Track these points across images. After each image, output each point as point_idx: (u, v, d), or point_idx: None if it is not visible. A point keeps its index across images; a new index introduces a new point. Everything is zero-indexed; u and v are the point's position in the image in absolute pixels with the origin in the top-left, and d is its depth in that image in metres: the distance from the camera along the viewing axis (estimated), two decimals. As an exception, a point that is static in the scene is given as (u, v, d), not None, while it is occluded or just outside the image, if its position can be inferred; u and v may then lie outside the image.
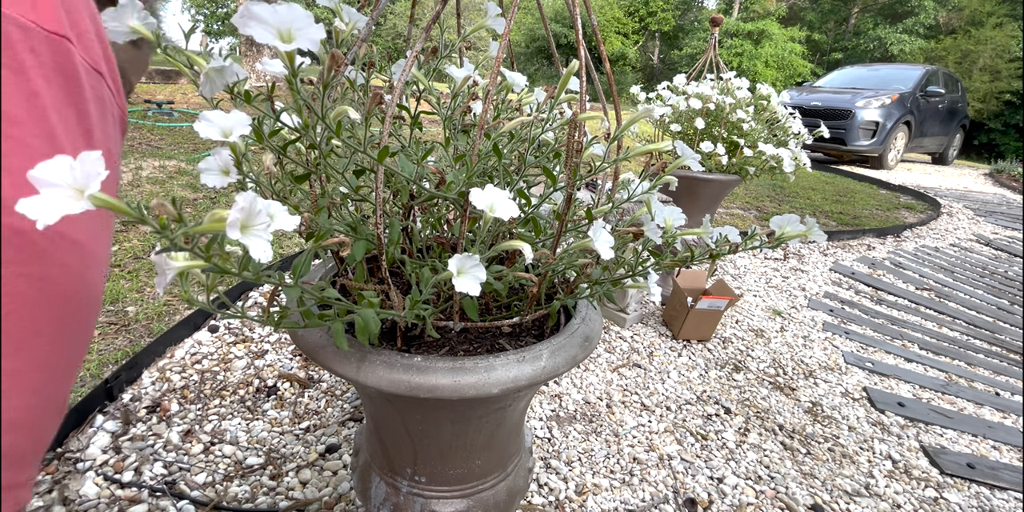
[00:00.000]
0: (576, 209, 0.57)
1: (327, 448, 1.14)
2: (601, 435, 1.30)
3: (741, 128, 1.76)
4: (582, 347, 0.58)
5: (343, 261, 0.62)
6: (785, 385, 1.64)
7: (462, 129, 0.62)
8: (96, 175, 0.27)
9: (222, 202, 2.43)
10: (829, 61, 17.77)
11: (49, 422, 0.35)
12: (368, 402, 0.68)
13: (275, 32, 0.37)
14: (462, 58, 0.66)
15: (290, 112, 0.47)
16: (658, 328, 1.88)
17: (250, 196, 0.33)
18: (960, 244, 3.61)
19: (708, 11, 20.29)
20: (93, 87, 0.35)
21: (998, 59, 13.29)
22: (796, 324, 2.08)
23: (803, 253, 2.99)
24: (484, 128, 0.48)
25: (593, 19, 0.57)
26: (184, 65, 0.46)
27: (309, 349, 0.55)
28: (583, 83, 0.50)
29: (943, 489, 1.26)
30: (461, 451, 0.66)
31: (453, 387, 0.50)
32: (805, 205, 4.13)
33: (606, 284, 0.59)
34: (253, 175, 0.51)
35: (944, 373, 1.85)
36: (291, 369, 1.41)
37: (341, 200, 0.57)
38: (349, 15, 0.49)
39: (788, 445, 1.35)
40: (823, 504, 1.16)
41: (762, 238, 0.55)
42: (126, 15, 0.42)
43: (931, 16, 16.27)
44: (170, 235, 0.32)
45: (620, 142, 0.57)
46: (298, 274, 0.42)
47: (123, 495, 0.97)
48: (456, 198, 0.50)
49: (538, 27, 17.72)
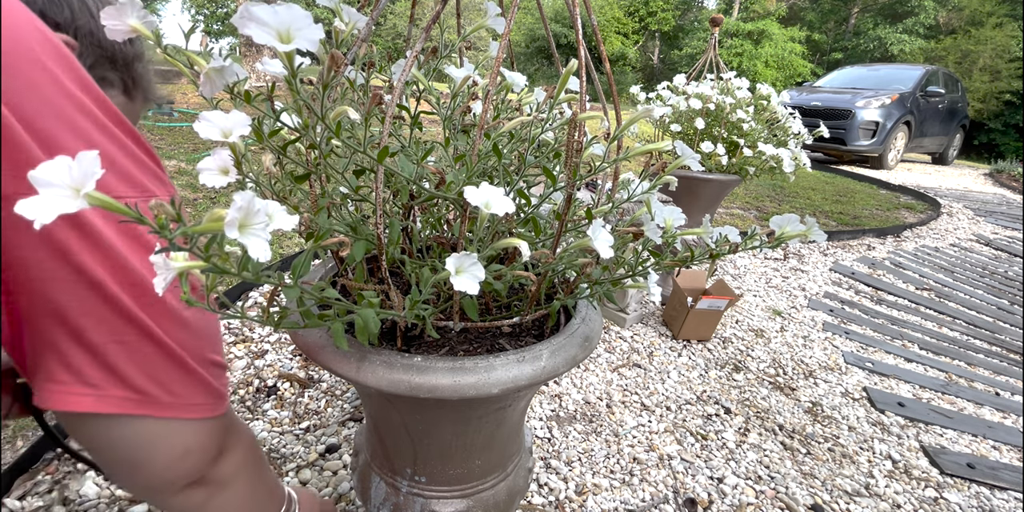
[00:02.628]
0: (576, 209, 0.57)
1: (327, 448, 1.14)
2: (601, 435, 1.30)
3: (741, 128, 1.76)
4: (582, 347, 0.58)
5: (343, 261, 0.62)
6: (785, 385, 1.64)
7: (462, 129, 0.62)
8: (92, 175, 0.27)
9: (222, 202, 2.42)
10: (829, 61, 17.77)
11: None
12: (368, 402, 0.68)
13: (274, 33, 0.37)
14: (462, 58, 0.66)
15: (290, 112, 0.47)
16: (658, 328, 1.88)
17: (248, 195, 0.33)
18: (960, 244, 3.61)
19: (708, 11, 20.29)
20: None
21: (998, 59, 13.28)
22: (796, 324, 2.08)
23: (803, 253, 2.99)
24: (484, 128, 0.48)
25: (593, 19, 0.57)
26: (184, 65, 0.46)
27: (309, 349, 0.55)
28: (583, 83, 0.50)
29: (943, 489, 1.26)
30: (461, 451, 0.66)
31: (453, 387, 0.49)
32: (805, 205, 4.13)
33: (606, 284, 0.59)
34: (253, 175, 0.51)
35: (944, 373, 1.85)
36: (291, 369, 1.41)
37: (341, 200, 0.57)
38: (349, 15, 0.49)
39: (788, 445, 1.35)
40: (823, 504, 1.16)
41: (762, 238, 0.55)
42: (126, 14, 0.42)
43: (931, 16, 16.27)
44: (169, 235, 0.32)
45: (620, 142, 0.57)
46: (298, 274, 0.42)
47: (123, 495, 0.97)
48: (456, 198, 0.50)
49: (538, 27, 17.72)
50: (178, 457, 0.48)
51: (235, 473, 0.56)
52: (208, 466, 0.52)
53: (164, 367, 0.45)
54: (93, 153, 0.27)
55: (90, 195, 0.28)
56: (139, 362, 0.43)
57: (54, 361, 0.41)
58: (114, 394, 0.43)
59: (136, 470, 0.47)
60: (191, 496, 0.52)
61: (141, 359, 0.43)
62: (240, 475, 0.57)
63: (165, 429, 0.47)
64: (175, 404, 0.46)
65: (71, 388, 0.41)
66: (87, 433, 0.46)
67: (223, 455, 0.54)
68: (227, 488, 0.55)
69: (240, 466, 0.57)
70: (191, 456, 0.49)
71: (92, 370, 0.42)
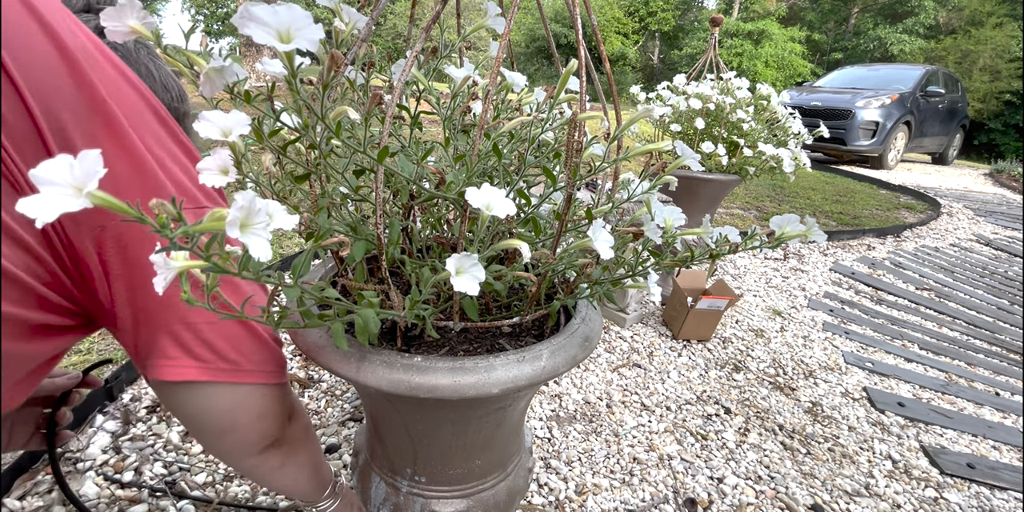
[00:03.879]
0: (576, 209, 0.57)
1: (327, 448, 1.14)
2: (601, 435, 1.30)
3: (741, 128, 1.76)
4: (582, 347, 0.58)
5: (343, 261, 0.62)
6: (785, 385, 1.64)
7: (462, 129, 0.62)
8: (95, 174, 0.27)
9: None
10: (829, 61, 17.76)
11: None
12: (368, 402, 0.68)
13: (274, 33, 0.37)
14: (462, 58, 0.66)
15: (290, 112, 0.47)
16: (658, 328, 1.88)
17: (249, 195, 0.33)
18: (960, 244, 3.61)
19: (708, 11, 20.29)
20: None
21: (998, 59, 13.27)
22: (796, 324, 2.08)
23: (803, 253, 2.99)
24: (484, 128, 0.48)
25: (593, 19, 0.57)
26: (184, 65, 0.46)
27: (309, 349, 0.55)
28: (583, 83, 0.50)
29: (943, 489, 1.26)
30: (461, 451, 0.66)
31: (453, 387, 0.49)
32: (805, 205, 4.13)
33: (606, 284, 0.59)
34: (253, 175, 0.51)
35: (944, 373, 1.85)
36: (291, 369, 1.41)
37: (341, 200, 0.57)
38: (349, 15, 0.49)
39: (788, 445, 1.35)
40: (823, 504, 1.16)
41: (762, 238, 0.55)
42: (126, 15, 0.42)
43: (931, 16, 16.26)
44: (169, 234, 0.32)
45: (620, 142, 0.57)
46: (298, 274, 0.42)
47: (123, 495, 0.97)
48: (456, 198, 0.50)
49: (538, 27, 17.72)
50: (256, 418, 0.56)
51: (302, 437, 0.65)
52: (280, 429, 0.59)
53: (246, 339, 0.54)
54: (95, 152, 0.27)
55: (92, 194, 0.28)
56: (228, 337, 0.52)
57: (167, 340, 0.50)
58: (215, 366, 0.52)
59: (223, 434, 0.56)
60: (270, 458, 0.60)
61: (229, 333, 0.52)
62: (306, 440, 0.66)
63: (245, 395, 0.55)
64: (255, 371, 0.54)
65: (182, 362, 0.50)
66: (184, 401, 0.53)
67: (290, 420, 0.62)
68: (297, 452, 0.64)
69: (304, 431, 0.65)
70: (267, 419, 0.57)
71: (197, 346, 0.50)
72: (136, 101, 0.47)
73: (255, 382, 0.55)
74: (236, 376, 0.53)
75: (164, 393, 0.54)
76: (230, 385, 0.53)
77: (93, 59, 0.44)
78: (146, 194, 0.45)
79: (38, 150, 0.40)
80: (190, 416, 0.55)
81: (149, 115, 0.48)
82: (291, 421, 0.62)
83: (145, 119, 0.47)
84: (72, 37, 0.42)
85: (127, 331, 0.50)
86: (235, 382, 0.53)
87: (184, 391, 0.52)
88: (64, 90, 0.41)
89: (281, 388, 0.59)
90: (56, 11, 0.43)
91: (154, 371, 0.50)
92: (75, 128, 0.41)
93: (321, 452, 0.71)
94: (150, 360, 0.51)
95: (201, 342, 0.51)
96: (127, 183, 0.44)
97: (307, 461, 0.66)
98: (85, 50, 0.43)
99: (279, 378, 0.58)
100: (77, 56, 0.42)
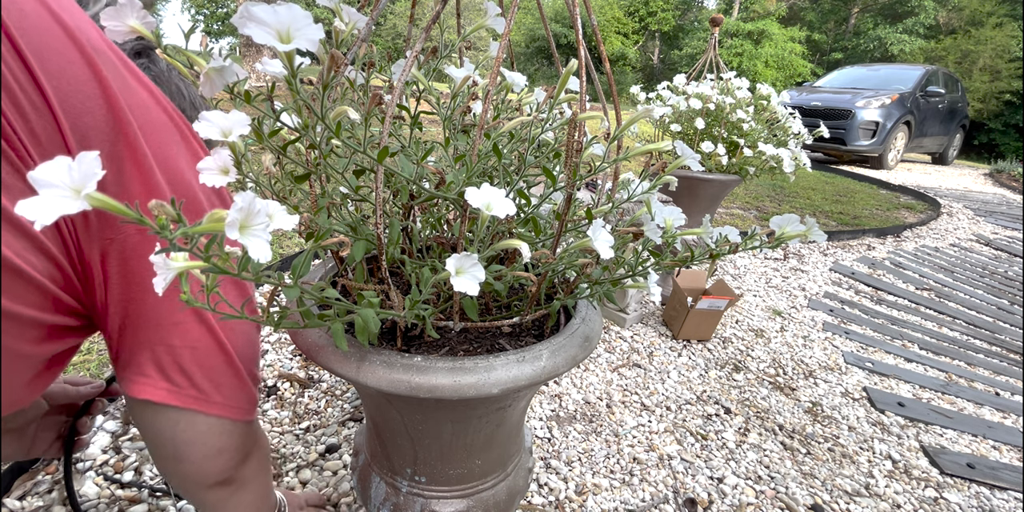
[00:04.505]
0: (576, 209, 0.57)
1: (327, 448, 1.14)
2: (601, 435, 1.30)
3: (741, 128, 1.76)
4: (582, 347, 0.58)
5: (343, 261, 0.62)
6: (785, 385, 1.64)
7: (462, 129, 0.62)
8: (93, 176, 0.27)
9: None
10: (829, 61, 17.76)
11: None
12: (368, 402, 0.68)
13: (274, 33, 0.37)
14: (462, 58, 0.66)
15: (290, 112, 0.47)
16: (658, 328, 1.88)
17: (249, 196, 0.33)
18: (960, 244, 3.61)
19: (708, 11, 20.29)
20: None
21: (998, 59, 13.27)
22: (796, 324, 2.08)
23: (803, 253, 2.99)
24: (484, 128, 0.48)
25: (593, 19, 0.57)
26: (184, 65, 0.46)
27: (309, 349, 0.55)
28: (583, 83, 0.50)
29: (943, 489, 1.26)
30: (461, 451, 0.66)
31: (453, 387, 0.49)
32: (805, 205, 4.13)
33: (606, 284, 0.59)
34: (253, 175, 0.51)
35: (944, 373, 1.85)
36: (291, 369, 1.41)
37: (341, 200, 0.57)
38: (349, 15, 0.49)
39: (788, 445, 1.35)
40: (823, 504, 1.16)
41: (762, 238, 0.55)
42: (125, 15, 0.42)
43: (931, 16, 16.26)
44: (169, 235, 0.32)
45: (620, 142, 0.57)
46: (298, 274, 0.42)
47: (123, 495, 0.97)
48: (456, 198, 0.50)
49: (538, 27, 17.72)
50: (214, 454, 0.57)
51: (254, 476, 0.65)
52: (235, 469, 0.60)
53: (223, 371, 0.55)
54: (94, 154, 0.27)
55: (90, 196, 0.28)
56: (205, 366, 0.53)
57: (147, 358, 0.51)
58: (186, 392, 0.53)
59: (179, 462, 0.56)
60: (218, 492, 0.61)
61: (207, 363, 0.53)
62: (256, 478, 0.66)
63: (209, 426, 0.55)
64: (224, 404, 0.55)
65: (155, 383, 0.52)
66: (151, 421, 0.54)
67: (247, 459, 0.62)
68: (244, 489, 0.64)
69: (257, 470, 0.66)
70: (224, 455, 0.58)
71: (173, 370, 0.52)
72: (165, 122, 0.50)
73: (221, 415, 0.55)
74: (204, 405, 0.54)
75: (134, 409, 0.55)
76: (196, 414, 0.54)
77: (125, 82, 0.46)
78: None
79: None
80: (152, 437, 0.56)
81: (175, 135, 0.51)
82: (248, 459, 0.62)
83: (171, 138, 0.50)
84: (106, 61, 0.45)
85: (113, 339, 0.52)
86: (202, 411, 0.54)
87: (152, 411, 0.53)
88: (96, 113, 0.43)
89: (247, 426, 0.60)
90: (95, 40, 0.45)
91: (128, 386, 0.52)
92: (99, 148, 0.44)
93: (270, 484, 0.72)
94: (127, 373, 0.52)
95: (178, 367, 0.52)
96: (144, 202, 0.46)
97: (252, 501, 0.66)
98: (116, 72, 0.46)
99: (247, 415, 0.58)
100: (108, 80, 0.44)
